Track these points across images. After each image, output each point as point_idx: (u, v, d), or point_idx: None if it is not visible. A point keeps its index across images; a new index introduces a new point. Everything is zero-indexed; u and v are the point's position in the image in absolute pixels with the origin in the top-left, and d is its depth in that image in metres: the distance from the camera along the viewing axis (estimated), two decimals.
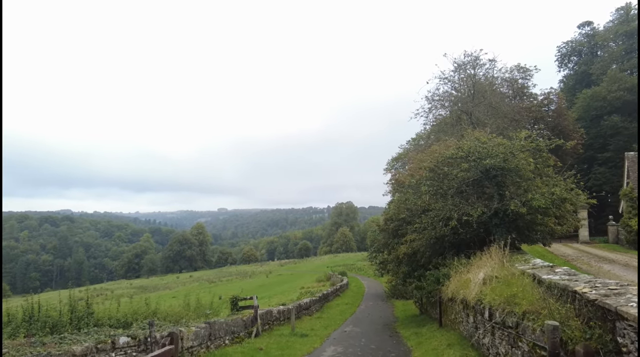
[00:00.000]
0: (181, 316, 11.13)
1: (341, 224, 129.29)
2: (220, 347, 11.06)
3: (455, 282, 12.28)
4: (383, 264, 28.18)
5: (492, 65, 34.42)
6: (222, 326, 11.48)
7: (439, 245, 15.86)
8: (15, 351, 5.48)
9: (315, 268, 77.91)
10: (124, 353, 7.21)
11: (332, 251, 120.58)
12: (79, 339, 6.66)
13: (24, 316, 8.77)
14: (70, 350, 6.09)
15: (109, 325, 9.33)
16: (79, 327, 8.76)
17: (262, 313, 15.07)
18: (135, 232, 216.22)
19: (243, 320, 13.34)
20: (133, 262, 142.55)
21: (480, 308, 8.67)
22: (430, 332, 14.00)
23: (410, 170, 19.42)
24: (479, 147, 14.92)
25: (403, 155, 47.25)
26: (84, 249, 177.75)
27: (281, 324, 17.26)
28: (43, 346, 5.98)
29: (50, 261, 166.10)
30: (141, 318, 9.93)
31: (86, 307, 9.53)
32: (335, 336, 15.50)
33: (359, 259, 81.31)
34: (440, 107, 36.40)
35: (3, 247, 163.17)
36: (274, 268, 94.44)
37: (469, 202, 14.66)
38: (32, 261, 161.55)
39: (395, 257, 18.89)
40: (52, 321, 8.68)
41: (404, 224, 17.97)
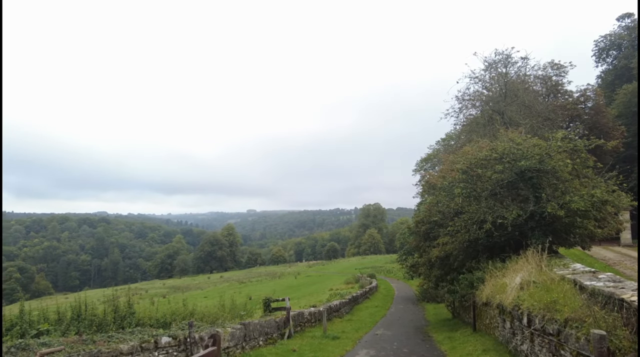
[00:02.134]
0: (217, 316, 11.42)
1: (369, 225, 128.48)
2: (254, 348, 11.28)
3: (490, 286, 12.05)
4: (414, 267, 27.85)
5: (525, 63, 33.46)
6: (256, 327, 11.69)
7: (472, 248, 15.57)
8: (70, 348, 5.83)
9: (343, 270, 77.80)
10: (166, 352, 7.49)
11: (360, 252, 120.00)
12: (125, 338, 6.98)
13: (72, 314, 9.24)
14: (117, 348, 6.40)
15: (150, 325, 9.69)
16: (122, 327, 9.15)
17: (294, 315, 15.23)
18: (168, 233, 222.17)
19: (276, 321, 13.54)
20: (166, 263, 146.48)
21: (518, 314, 8.48)
22: (464, 337, 13.78)
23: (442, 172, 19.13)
24: (514, 148, 14.58)
25: (433, 156, 46.59)
26: (120, 250, 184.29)
27: (312, 326, 17.38)
28: (94, 343, 6.32)
29: (88, 261, 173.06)
30: (179, 319, 10.25)
31: (128, 307, 9.93)
32: (366, 339, 15.48)
33: (387, 261, 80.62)
34: (471, 107, 35.68)
35: (47, 247, 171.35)
36: (302, 269, 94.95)
37: (504, 204, 14.34)
38: (72, 260, 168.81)
39: (427, 260, 18.65)
40: (97, 320, 9.10)
41: (435, 227, 17.73)
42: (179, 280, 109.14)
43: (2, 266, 13.95)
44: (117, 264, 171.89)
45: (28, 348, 5.49)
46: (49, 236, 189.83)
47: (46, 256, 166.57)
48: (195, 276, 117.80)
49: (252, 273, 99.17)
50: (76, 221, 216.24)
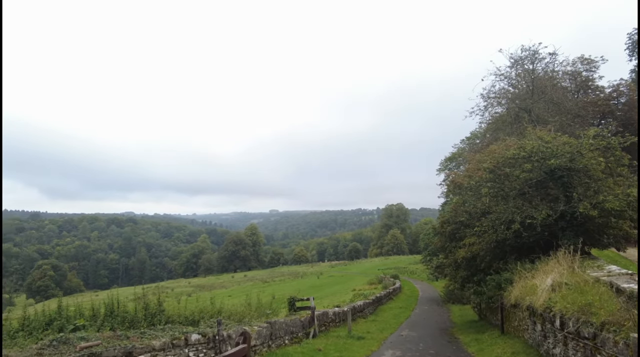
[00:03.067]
0: (244, 315, 11.59)
1: (392, 225, 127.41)
2: (280, 346, 11.39)
3: (519, 287, 11.79)
4: (440, 268, 27.53)
5: (553, 59, 32.50)
6: (282, 326, 11.80)
7: (499, 249, 15.28)
8: (106, 343, 6.05)
9: (365, 270, 77.49)
10: (196, 349, 7.66)
11: (382, 253, 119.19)
12: (157, 335, 7.18)
13: (105, 311, 9.57)
14: (150, 344, 6.59)
15: (179, 322, 9.91)
16: (152, 324, 9.39)
17: (318, 314, 15.29)
18: (193, 233, 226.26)
19: (301, 321, 13.62)
20: (191, 262, 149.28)
21: (550, 316, 8.27)
22: (491, 339, 13.53)
23: (468, 171, 18.80)
24: (543, 146, 14.23)
25: (457, 155, 45.82)
26: (146, 249, 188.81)
27: (337, 326, 17.40)
28: (127, 339, 6.54)
29: (116, 260, 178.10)
30: (207, 316, 10.45)
31: (158, 305, 10.20)
32: (392, 340, 15.39)
33: (411, 262, 79.85)
34: (497, 105, 34.94)
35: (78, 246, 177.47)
36: (325, 269, 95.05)
37: (532, 204, 14.01)
38: (101, 259, 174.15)
39: (453, 261, 18.39)
40: (129, 317, 9.39)
41: (462, 227, 17.46)
42: (204, 279, 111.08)
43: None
44: (144, 263, 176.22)
45: (68, 342, 5.73)
46: (80, 236, 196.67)
47: (77, 255, 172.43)
48: (220, 275, 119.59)
49: (275, 273, 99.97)
50: (105, 221, 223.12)
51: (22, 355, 5.10)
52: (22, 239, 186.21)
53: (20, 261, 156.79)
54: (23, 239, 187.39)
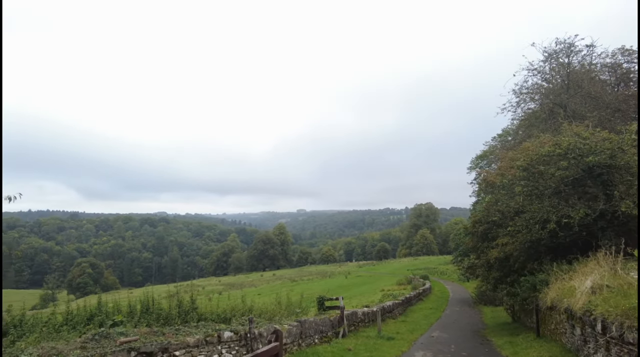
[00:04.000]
0: (274, 313, 11.74)
1: (421, 225, 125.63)
2: (310, 345, 11.46)
3: (555, 289, 11.40)
4: (471, 269, 26.91)
5: (590, 51, 31.09)
6: (312, 325, 11.87)
7: (534, 249, 14.82)
8: (144, 338, 6.27)
9: (394, 270, 76.75)
10: (228, 347, 7.82)
11: (411, 253, 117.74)
12: (191, 332, 7.38)
13: (141, 308, 9.92)
14: (185, 341, 6.79)
15: (211, 320, 10.14)
16: (186, 321, 9.65)
17: (347, 314, 15.28)
18: (223, 232, 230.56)
19: (330, 320, 13.65)
20: (221, 261, 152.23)
21: (590, 320, 7.95)
22: (526, 342, 13.12)
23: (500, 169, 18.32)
24: (580, 143, 13.69)
25: (489, 153, 44.68)
26: (178, 248, 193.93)
27: (366, 326, 17.32)
28: (163, 335, 6.75)
29: (149, 259, 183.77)
30: (238, 314, 10.65)
31: (191, 302, 10.48)
32: (422, 341, 15.19)
33: (441, 262, 78.53)
34: (530, 101, 33.80)
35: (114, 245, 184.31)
36: (353, 269, 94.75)
37: (569, 203, 13.51)
38: (135, 258, 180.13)
39: (485, 262, 17.96)
40: (164, 313, 9.69)
41: (494, 227, 17.03)
42: (234, 277, 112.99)
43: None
44: (176, 261, 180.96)
45: (109, 336, 5.98)
46: (115, 235, 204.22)
47: (113, 253, 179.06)
48: (249, 274, 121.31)
49: (303, 272, 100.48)
50: (138, 220, 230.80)
51: (68, 347, 5.36)
52: (63, 238, 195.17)
53: (61, 258, 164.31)
54: (64, 237, 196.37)
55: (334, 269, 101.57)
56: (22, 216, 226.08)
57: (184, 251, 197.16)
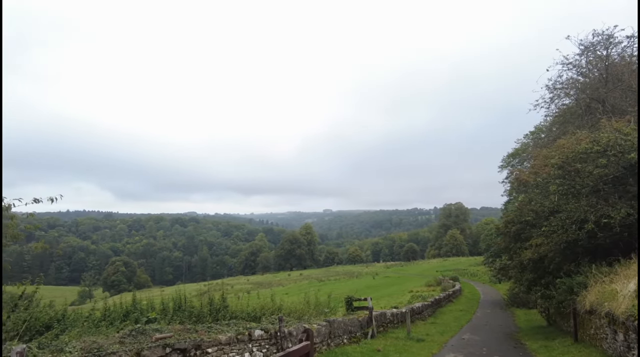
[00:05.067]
0: (303, 312, 11.79)
1: (450, 226, 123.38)
2: (339, 345, 11.45)
3: (595, 292, 10.94)
4: (503, 270, 26.17)
5: (631, 42, 29.62)
6: (340, 325, 11.85)
7: (570, 250, 14.26)
8: (178, 335, 6.44)
9: (422, 272, 75.70)
10: (259, 345, 7.92)
11: (440, 254, 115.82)
12: (223, 329, 7.51)
13: (174, 305, 10.17)
14: (217, 338, 6.92)
15: (241, 318, 10.27)
16: (217, 319, 9.81)
17: (376, 315, 15.17)
18: (251, 232, 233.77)
19: (359, 320, 13.59)
20: (249, 260, 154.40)
21: (634, 325, 7.58)
22: (563, 347, 12.65)
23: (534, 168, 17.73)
24: (621, 139, 13.09)
25: (521, 151, 43.34)
26: (208, 247, 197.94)
27: (395, 327, 17.15)
28: (196, 332, 6.90)
29: (180, 257, 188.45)
30: (268, 313, 10.76)
31: (222, 301, 10.65)
32: (453, 343, 14.90)
33: (471, 263, 76.86)
34: (564, 96, 32.52)
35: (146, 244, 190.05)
36: (380, 270, 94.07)
37: (609, 202, 12.93)
38: (166, 257, 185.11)
39: (518, 263, 17.43)
40: (196, 311, 9.90)
41: (527, 227, 16.50)
42: (262, 276, 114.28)
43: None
44: (206, 260, 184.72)
45: (145, 332, 6.17)
46: (147, 234, 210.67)
47: (145, 252, 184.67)
48: (277, 273, 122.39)
49: (330, 272, 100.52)
50: (169, 220, 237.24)
51: (108, 342, 5.57)
52: (98, 237, 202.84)
53: (97, 257, 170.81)
54: (99, 237, 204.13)
55: (361, 269, 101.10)
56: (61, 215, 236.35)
57: (213, 250, 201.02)
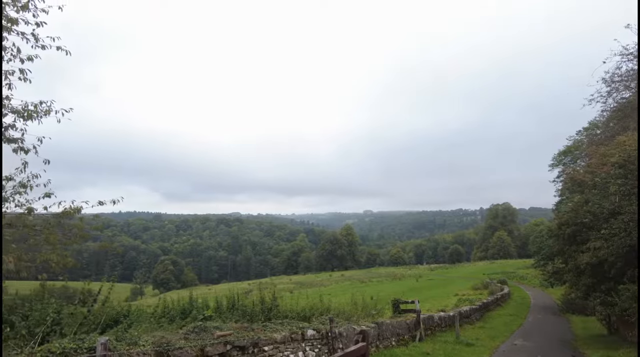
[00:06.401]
0: (351, 314, 11.88)
1: (497, 227, 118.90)
2: (387, 347, 11.44)
3: None
4: (557, 274, 25.00)
5: None
6: (389, 327, 11.84)
7: (634, 255, 13.41)
8: (237, 333, 6.74)
9: (468, 274, 73.55)
10: (311, 344, 8.11)
11: (487, 256, 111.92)
12: (277, 328, 7.76)
13: (227, 304, 10.57)
14: (272, 337, 7.17)
15: (291, 317, 10.49)
16: (268, 318, 10.09)
17: (424, 318, 15.00)
18: (292, 232, 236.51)
19: (406, 323, 13.51)
20: (291, 260, 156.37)
21: None
22: None
23: (590, 167, 16.82)
24: None
25: (573, 148, 41.11)
26: (251, 247, 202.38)
27: (442, 331, 16.87)
28: (252, 331, 7.18)
29: (225, 257, 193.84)
30: (317, 313, 10.92)
31: (272, 300, 10.94)
32: (504, 349, 14.46)
33: (520, 266, 73.77)
34: (624, 89, 30.49)
35: (192, 244, 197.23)
36: (424, 272, 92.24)
37: None
38: (212, 256, 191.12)
39: (574, 267, 16.58)
40: (249, 310, 10.23)
41: (584, 229, 15.69)
42: (303, 277, 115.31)
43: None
44: (249, 260, 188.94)
45: (207, 330, 6.51)
46: (194, 234, 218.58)
47: (192, 252, 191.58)
48: (318, 274, 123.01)
49: (371, 273, 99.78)
50: (215, 220, 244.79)
51: (175, 337, 5.95)
52: (148, 237, 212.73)
53: (147, 256, 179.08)
54: (148, 236, 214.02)
55: (404, 271, 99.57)
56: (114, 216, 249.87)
57: (256, 249, 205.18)
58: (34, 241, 8.77)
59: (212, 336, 6.22)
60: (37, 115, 8.97)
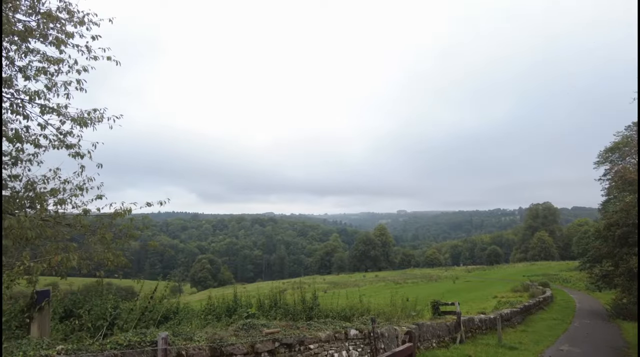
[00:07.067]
0: (391, 314, 11.87)
1: (537, 227, 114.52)
2: (428, 349, 11.37)
3: None
4: (607, 277, 23.88)
5: None
6: (429, 329, 11.76)
7: None
8: (284, 331, 6.94)
9: (507, 276, 71.30)
10: (354, 344, 8.20)
11: (527, 258, 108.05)
12: (321, 327, 7.91)
13: (269, 302, 10.84)
14: (317, 335, 7.32)
15: (332, 317, 10.63)
16: (310, 317, 10.26)
17: (464, 320, 14.77)
18: (325, 232, 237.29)
19: (447, 325, 13.35)
20: (324, 260, 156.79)
21: None
22: None
23: None
24: None
25: (621, 144, 39.01)
26: (285, 247, 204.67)
27: (483, 333, 16.53)
28: (298, 329, 7.36)
29: (260, 256, 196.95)
30: (357, 314, 11.00)
31: (313, 299, 11.11)
32: (549, 354, 14.00)
33: (562, 268, 70.78)
34: None
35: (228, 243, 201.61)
36: (460, 273, 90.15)
37: None
38: (247, 255, 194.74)
39: (625, 270, 15.87)
40: (290, 308, 10.45)
41: (636, 231, 14.97)
42: (337, 277, 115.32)
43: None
44: (283, 259, 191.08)
45: (255, 327, 6.75)
46: (230, 234, 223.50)
47: (228, 251, 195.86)
48: (352, 274, 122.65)
49: (406, 274, 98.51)
50: (249, 220, 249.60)
51: (226, 334, 6.21)
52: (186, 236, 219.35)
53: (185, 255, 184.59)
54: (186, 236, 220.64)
55: (440, 273, 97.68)
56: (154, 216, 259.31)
57: (290, 249, 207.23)
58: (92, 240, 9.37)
59: (261, 333, 6.45)
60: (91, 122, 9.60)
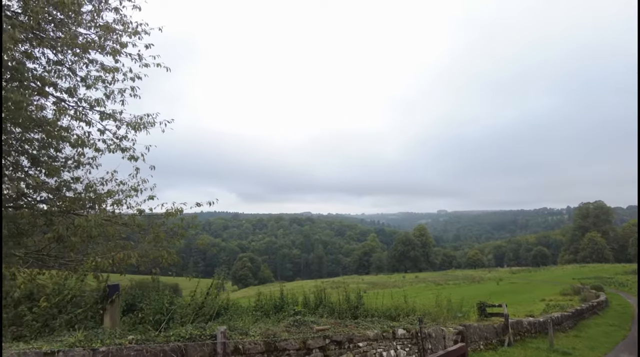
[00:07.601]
0: (438, 315, 11.74)
1: (588, 227, 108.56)
2: (476, 351, 11.16)
3: None
4: None
5: None
6: (476, 330, 11.54)
7: None
8: (334, 328, 7.09)
9: (555, 278, 68.05)
10: (402, 343, 8.22)
11: (577, 259, 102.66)
12: (369, 326, 8.00)
13: (315, 300, 11.04)
14: (365, 334, 7.41)
15: (377, 316, 10.67)
16: (355, 316, 10.36)
17: (512, 323, 14.36)
18: (363, 232, 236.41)
19: (494, 327, 13.03)
20: (363, 260, 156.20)
21: None
22: None
23: None
24: None
25: None
26: (322, 246, 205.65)
27: (532, 337, 15.97)
28: (346, 327, 7.49)
29: (298, 255, 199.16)
30: (403, 314, 10.98)
31: (358, 298, 11.21)
32: None
33: (617, 271, 66.67)
34: None
35: (268, 242, 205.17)
36: (504, 275, 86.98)
37: None
38: (286, 254, 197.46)
39: None
40: (336, 307, 10.60)
41: None
42: (375, 277, 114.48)
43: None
44: (321, 258, 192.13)
45: (305, 324, 6.94)
46: (269, 233, 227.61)
47: (267, 249, 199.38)
48: (391, 274, 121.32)
49: (447, 275, 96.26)
50: (288, 220, 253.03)
51: (278, 330, 6.44)
52: (227, 235, 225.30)
53: (226, 253, 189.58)
54: (228, 235, 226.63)
55: (483, 274, 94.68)
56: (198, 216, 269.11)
57: (327, 248, 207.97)
58: (147, 239, 9.91)
59: (311, 330, 6.62)
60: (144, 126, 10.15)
